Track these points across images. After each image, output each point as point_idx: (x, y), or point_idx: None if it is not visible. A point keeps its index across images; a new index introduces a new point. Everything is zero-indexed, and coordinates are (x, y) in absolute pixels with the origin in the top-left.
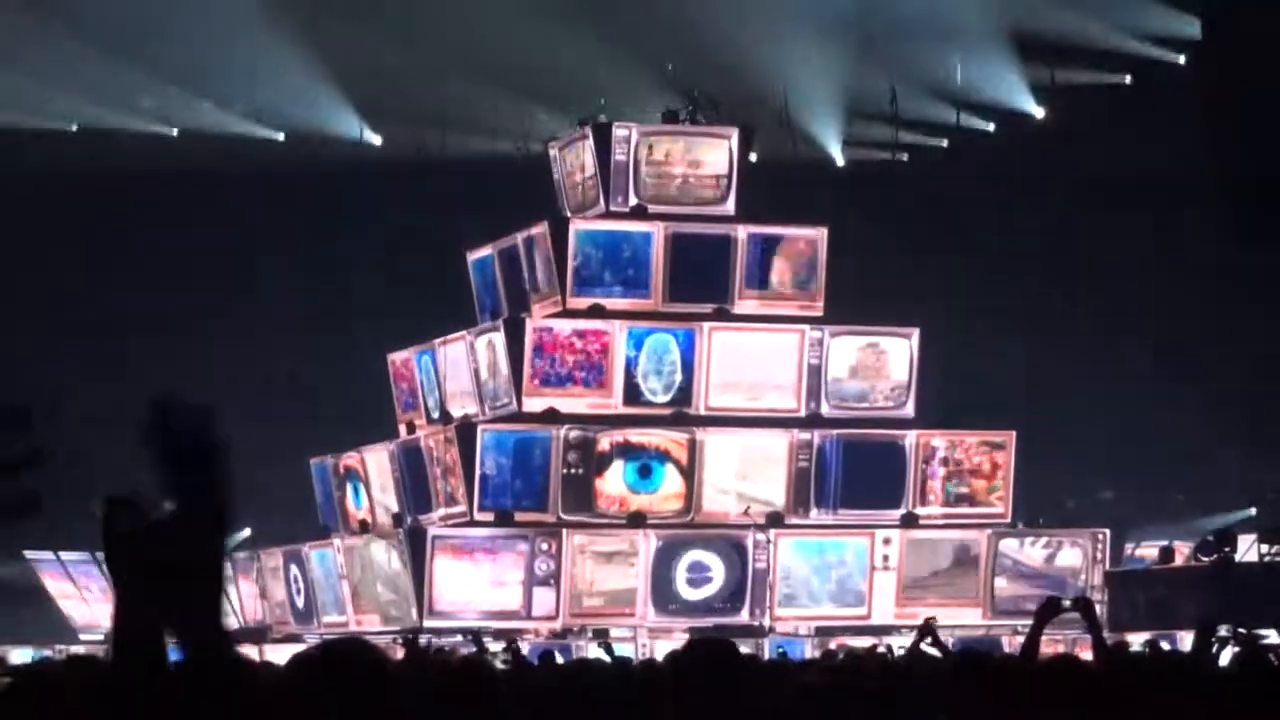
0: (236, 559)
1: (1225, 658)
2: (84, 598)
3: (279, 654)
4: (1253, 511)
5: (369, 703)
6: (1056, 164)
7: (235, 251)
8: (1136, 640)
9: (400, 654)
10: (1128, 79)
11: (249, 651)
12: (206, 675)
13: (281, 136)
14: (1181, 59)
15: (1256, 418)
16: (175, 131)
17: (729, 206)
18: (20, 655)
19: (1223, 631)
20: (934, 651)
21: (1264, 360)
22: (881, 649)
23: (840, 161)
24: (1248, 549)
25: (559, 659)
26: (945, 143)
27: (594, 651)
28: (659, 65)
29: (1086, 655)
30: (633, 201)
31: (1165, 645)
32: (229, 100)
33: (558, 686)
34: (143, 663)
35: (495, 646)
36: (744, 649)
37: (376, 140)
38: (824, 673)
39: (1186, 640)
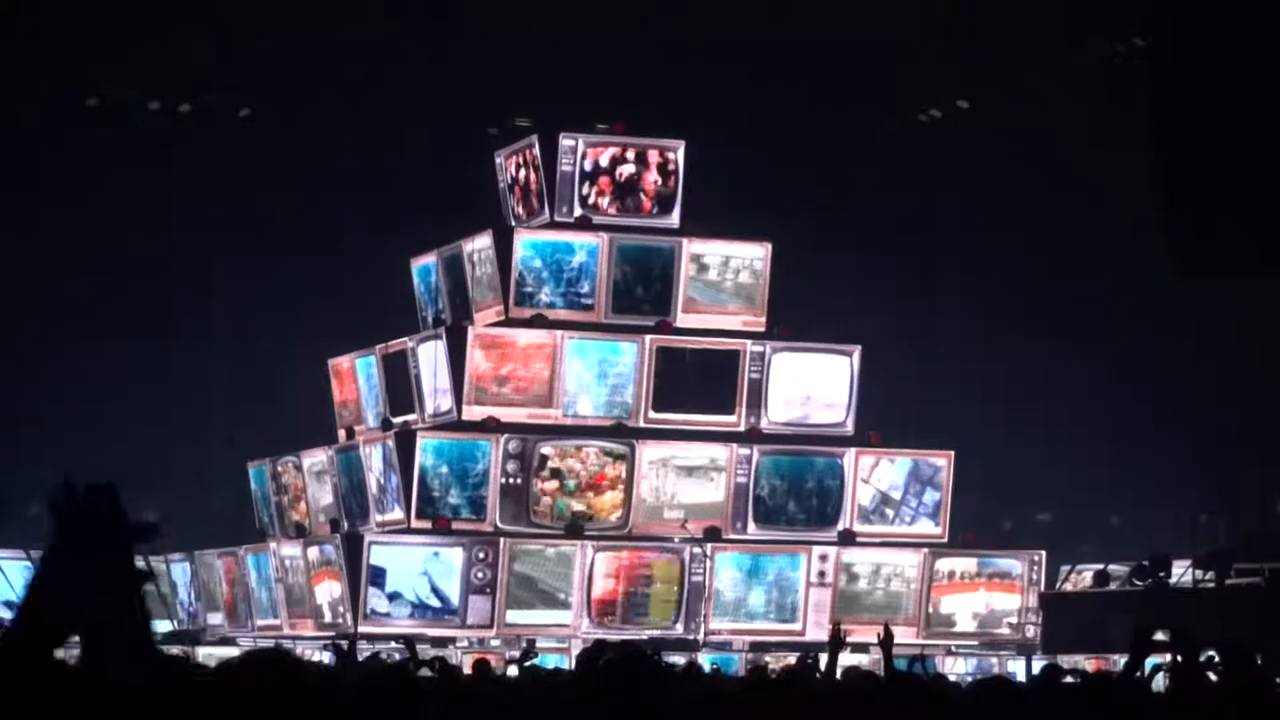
0: (172, 560)
1: (1157, 659)
2: None
3: (213, 656)
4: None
5: (284, 711)
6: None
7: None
8: (1069, 663)
9: (329, 660)
10: None
11: (183, 652)
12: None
13: None
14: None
15: (1198, 442)
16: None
17: (674, 219)
18: None
19: (1160, 636)
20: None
21: (1203, 388)
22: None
23: None
24: (1182, 574)
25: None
26: None
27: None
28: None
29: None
30: (577, 212)
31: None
32: None
33: (488, 694)
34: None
35: (430, 654)
36: (679, 660)
37: None
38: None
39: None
